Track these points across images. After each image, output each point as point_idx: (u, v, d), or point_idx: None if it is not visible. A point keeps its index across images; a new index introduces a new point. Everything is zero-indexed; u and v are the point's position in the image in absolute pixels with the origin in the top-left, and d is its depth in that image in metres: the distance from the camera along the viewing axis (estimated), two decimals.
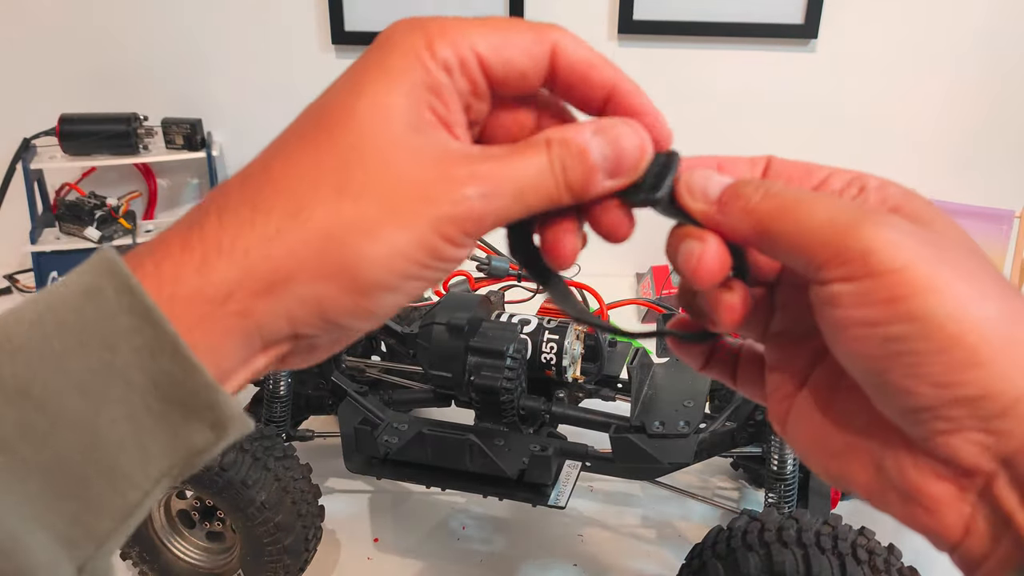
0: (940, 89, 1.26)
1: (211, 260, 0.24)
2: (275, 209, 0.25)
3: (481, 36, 0.26)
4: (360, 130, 0.25)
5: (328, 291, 0.25)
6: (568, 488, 0.72)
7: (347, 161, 0.25)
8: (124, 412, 0.24)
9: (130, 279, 0.24)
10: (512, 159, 0.26)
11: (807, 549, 0.55)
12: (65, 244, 1.22)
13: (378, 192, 0.25)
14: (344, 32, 1.28)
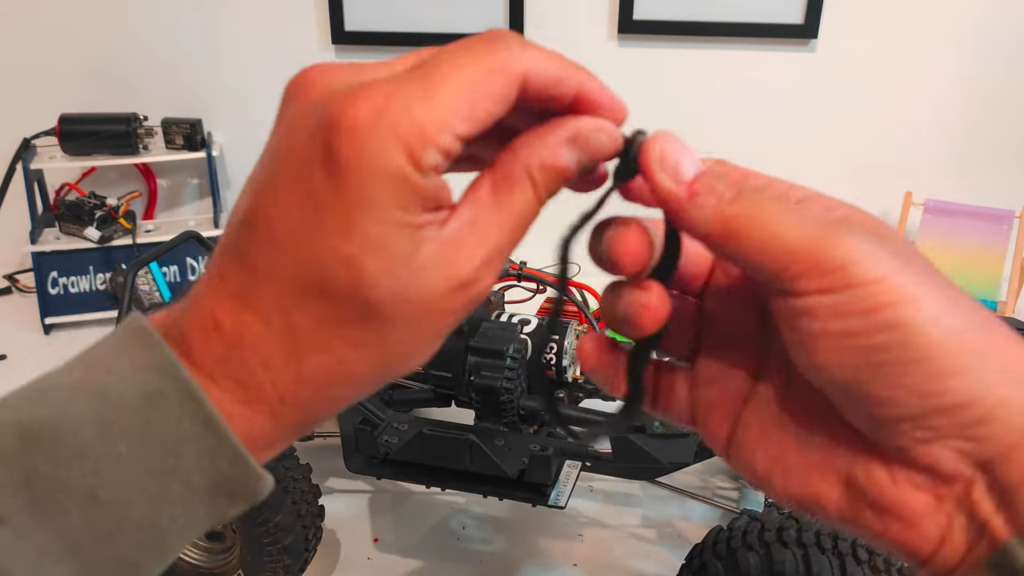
0: (940, 89, 1.26)
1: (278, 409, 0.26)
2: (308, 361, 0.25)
3: (454, 113, 0.24)
4: (371, 286, 0.24)
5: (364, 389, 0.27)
6: (568, 488, 0.72)
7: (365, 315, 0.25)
8: (182, 509, 0.25)
9: (191, 385, 0.25)
10: (502, 207, 0.26)
11: (807, 549, 0.55)
12: (65, 244, 1.22)
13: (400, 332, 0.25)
14: (344, 32, 1.28)
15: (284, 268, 0.25)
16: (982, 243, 1.20)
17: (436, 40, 1.03)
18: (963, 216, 1.22)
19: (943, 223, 1.23)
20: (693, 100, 1.30)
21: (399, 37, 1.28)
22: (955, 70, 1.25)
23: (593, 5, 1.25)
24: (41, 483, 0.24)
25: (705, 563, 0.59)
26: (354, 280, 0.24)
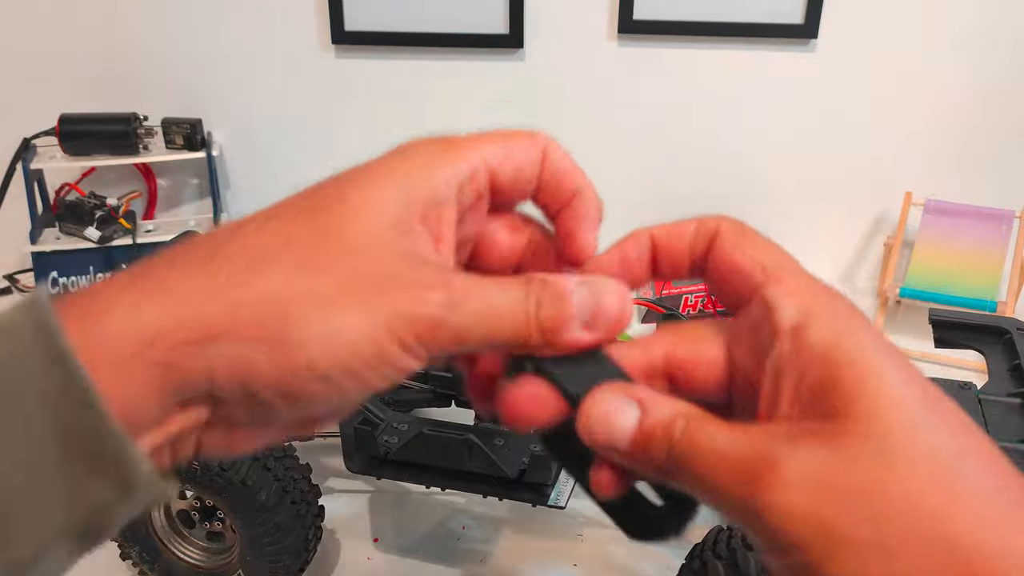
0: (940, 89, 1.26)
1: (145, 302, 0.23)
2: (230, 263, 0.23)
3: (491, 146, 0.26)
4: (343, 217, 0.24)
5: (256, 356, 0.23)
6: (568, 488, 0.72)
7: (320, 241, 0.24)
8: (24, 459, 0.21)
9: (49, 317, 0.22)
10: (488, 283, 0.25)
11: None
12: (65, 244, 1.22)
13: (340, 273, 0.23)
14: (344, 32, 1.28)
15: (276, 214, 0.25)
16: (982, 243, 1.20)
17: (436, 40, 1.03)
18: (963, 216, 1.22)
19: (943, 223, 1.23)
20: (693, 100, 1.30)
21: (399, 37, 1.28)
22: (955, 70, 1.25)
23: (593, 5, 1.25)
24: None
25: (705, 563, 0.59)
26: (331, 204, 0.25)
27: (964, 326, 0.76)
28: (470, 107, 1.34)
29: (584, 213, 0.29)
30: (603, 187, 1.20)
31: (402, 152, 0.26)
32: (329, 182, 0.26)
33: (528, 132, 0.27)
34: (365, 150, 1.13)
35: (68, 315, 0.22)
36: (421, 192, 0.25)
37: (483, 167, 0.26)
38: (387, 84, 1.32)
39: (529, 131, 0.27)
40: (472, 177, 0.26)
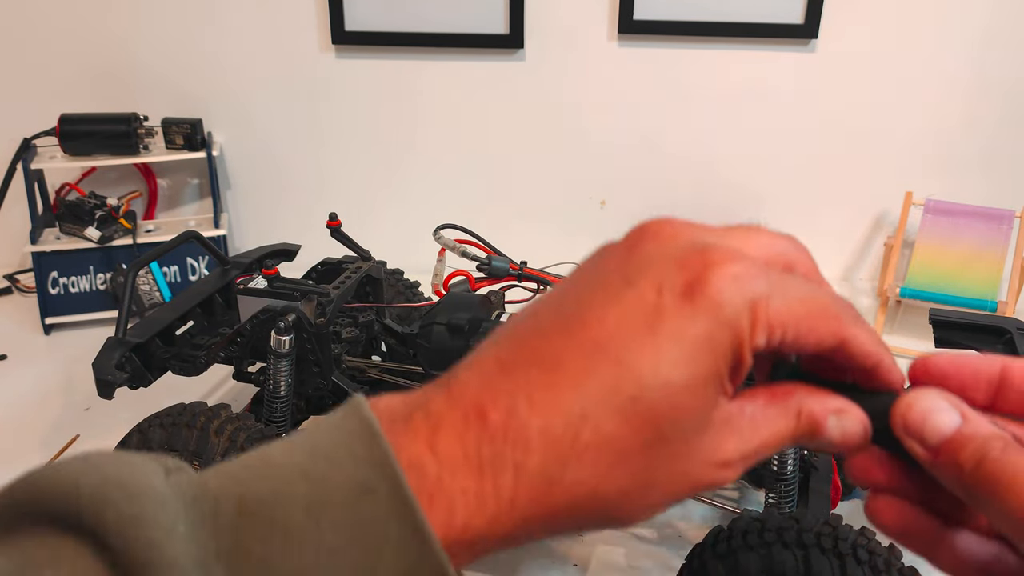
0: (940, 89, 1.26)
1: (501, 518, 0.26)
2: (579, 475, 0.26)
3: (793, 323, 0.27)
4: (673, 414, 0.26)
5: (578, 530, 0.27)
6: None
7: (648, 443, 0.26)
8: None
9: (403, 487, 0.25)
10: (766, 427, 0.28)
11: (808, 550, 0.55)
12: (65, 244, 1.22)
13: (657, 469, 0.26)
14: (344, 32, 1.28)
15: (597, 374, 0.26)
16: (982, 243, 1.20)
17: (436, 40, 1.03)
18: (963, 216, 1.22)
19: (943, 223, 1.23)
20: (693, 100, 1.30)
21: (399, 37, 1.28)
22: (955, 70, 1.25)
23: (593, 5, 1.25)
24: (249, 560, 0.24)
25: (705, 563, 0.59)
26: (665, 403, 0.25)
27: (964, 326, 0.76)
28: (470, 107, 1.34)
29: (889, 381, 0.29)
30: (603, 187, 1.21)
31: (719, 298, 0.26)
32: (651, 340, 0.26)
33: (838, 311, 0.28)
34: (365, 150, 1.14)
35: (432, 506, 0.25)
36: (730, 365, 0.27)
37: (778, 342, 0.27)
38: (387, 84, 1.32)
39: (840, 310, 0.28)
40: (768, 347, 0.27)
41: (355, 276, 0.89)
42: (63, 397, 1.05)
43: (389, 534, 0.25)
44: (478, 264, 0.79)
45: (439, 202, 1.39)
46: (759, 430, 0.28)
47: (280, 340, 0.78)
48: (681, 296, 0.26)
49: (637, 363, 0.25)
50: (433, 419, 0.26)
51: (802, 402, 0.28)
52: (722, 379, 0.26)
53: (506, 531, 0.26)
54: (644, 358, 0.25)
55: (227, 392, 1.05)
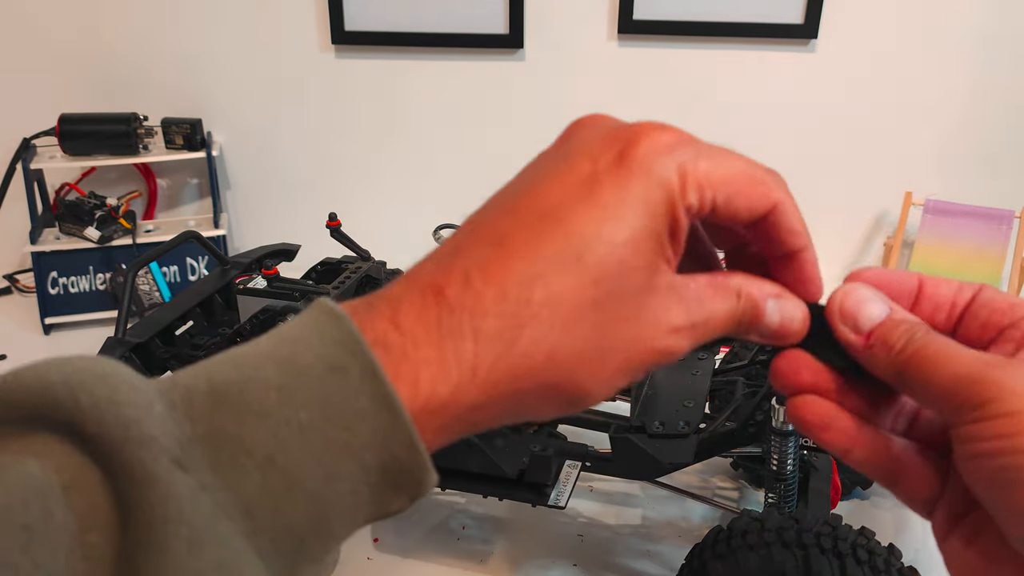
0: (940, 89, 1.26)
1: (465, 385, 0.27)
2: (532, 350, 0.27)
3: (722, 185, 0.29)
4: (619, 263, 0.27)
5: (543, 407, 0.29)
6: (568, 488, 0.72)
7: (597, 300, 0.27)
8: (349, 487, 0.26)
9: (374, 365, 0.26)
10: (710, 302, 0.30)
11: (807, 549, 0.55)
12: (65, 244, 1.22)
13: (613, 336, 0.28)
14: (344, 32, 1.28)
15: (544, 242, 0.27)
16: (982, 243, 1.20)
17: (436, 40, 1.04)
18: (963, 216, 1.22)
19: (943, 223, 1.23)
20: (693, 100, 1.30)
21: (399, 37, 1.28)
22: (955, 70, 1.25)
23: (593, 5, 1.25)
24: (225, 441, 0.25)
25: (705, 563, 0.59)
26: (609, 260, 0.27)
27: None
28: (470, 107, 1.34)
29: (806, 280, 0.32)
30: None
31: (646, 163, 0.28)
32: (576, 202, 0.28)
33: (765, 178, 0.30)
34: (365, 150, 1.14)
35: (398, 374, 0.27)
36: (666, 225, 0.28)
37: (709, 204, 0.29)
38: (387, 84, 1.32)
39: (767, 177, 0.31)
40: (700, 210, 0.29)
41: (355, 276, 0.89)
42: None
43: (360, 408, 0.26)
44: None
45: (439, 202, 1.39)
46: (704, 304, 0.29)
47: None
48: (614, 163, 0.28)
49: (579, 226, 0.27)
50: (393, 301, 0.27)
51: (741, 284, 0.30)
52: (660, 238, 0.28)
53: (471, 399, 0.27)
54: (585, 221, 0.27)
55: None
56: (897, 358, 0.29)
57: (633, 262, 0.27)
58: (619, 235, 0.27)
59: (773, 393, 0.65)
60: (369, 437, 0.26)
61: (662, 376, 0.75)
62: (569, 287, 0.27)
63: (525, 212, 0.28)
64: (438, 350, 0.27)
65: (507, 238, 0.28)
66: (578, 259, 0.27)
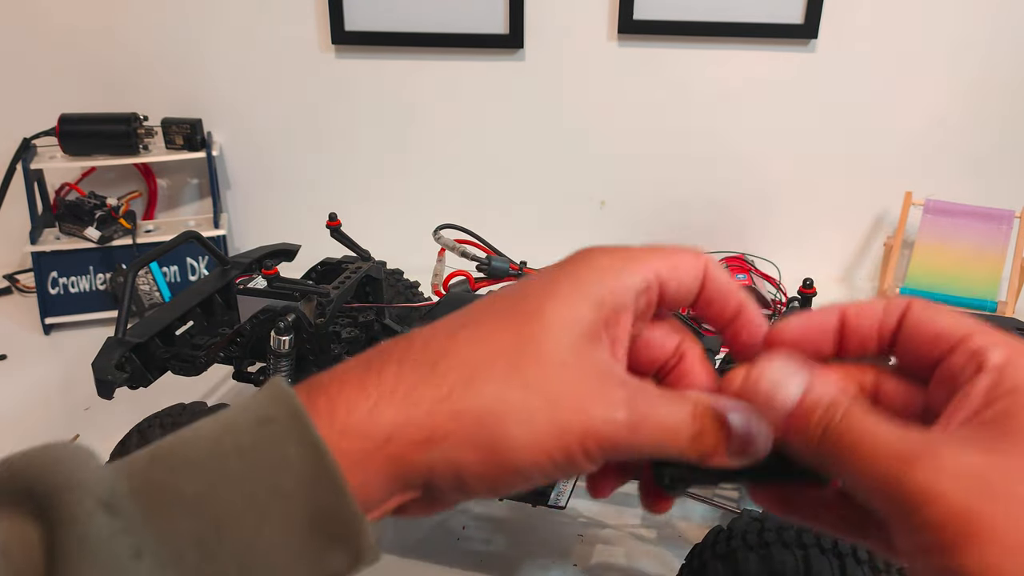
0: (940, 89, 1.26)
1: (383, 404, 0.27)
2: (451, 373, 0.28)
3: (663, 261, 0.30)
4: (545, 329, 0.28)
5: (472, 459, 0.27)
6: (568, 488, 0.72)
7: (526, 352, 0.28)
8: (280, 534, 0.26)
9: (301, 412, 0.27)
10: (662, 402, 0.29)
11: (807, 549, 0.55)
12: (65, 244, 1.22)
13: (545, 389, 0.28)
14: (344, 32, 1.28)
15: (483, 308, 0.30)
16: (982, 243, 1.20)
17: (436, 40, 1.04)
18: (963, 216, 1.22)
19: (943, 223, 1.23)
20: (693, 100, 1.30)
21: (399, 37, 1.28)
22: (955, 70, 1.25)
23: (593, 5, 1.25)
24: (157, 490, 0.26)
25: (705, 563, 0.59)
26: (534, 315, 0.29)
27: None
28: (470, 107, 1.34)
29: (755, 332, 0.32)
30: (604, 187, 1.22)
31: (587, 262, 0.30)
32: (523, 292, 0.30)
33: (692, 251, 0.31)
34: (365, 150, 1.14)
35: (315, 410, 0.27)
36: (607, 302, 0.29)
37: (656, 280, 0.30)
38: (387, 84, 1.33)
39: (693, 250, 0.31)
40: (647, 288, 0.30)
41: (355, 276, 0.89)
42: (63, 397, 1.05)
43: (287, 454, 0.26)
44: (478, 264, 0.79)
45: (439, 202, 1.39)
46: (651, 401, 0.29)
47: (280, 340, 0.78)
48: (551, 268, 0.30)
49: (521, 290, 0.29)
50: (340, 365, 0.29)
51: (700, 396, 0.30)
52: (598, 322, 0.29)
53: (390, 417, 0.27)
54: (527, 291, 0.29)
55: (227, 392, 1.05)
56: (817, 451, 0.28)
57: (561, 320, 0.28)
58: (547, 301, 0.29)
59: None
60: (296, 482, 0.26)
61: None
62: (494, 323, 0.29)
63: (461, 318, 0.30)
64: (359, 379, 0.28)
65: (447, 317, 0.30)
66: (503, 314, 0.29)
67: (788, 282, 1.22)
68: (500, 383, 0.27)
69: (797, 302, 0.71)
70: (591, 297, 0.29)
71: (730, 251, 1.27)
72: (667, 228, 1.34)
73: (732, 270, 1.21)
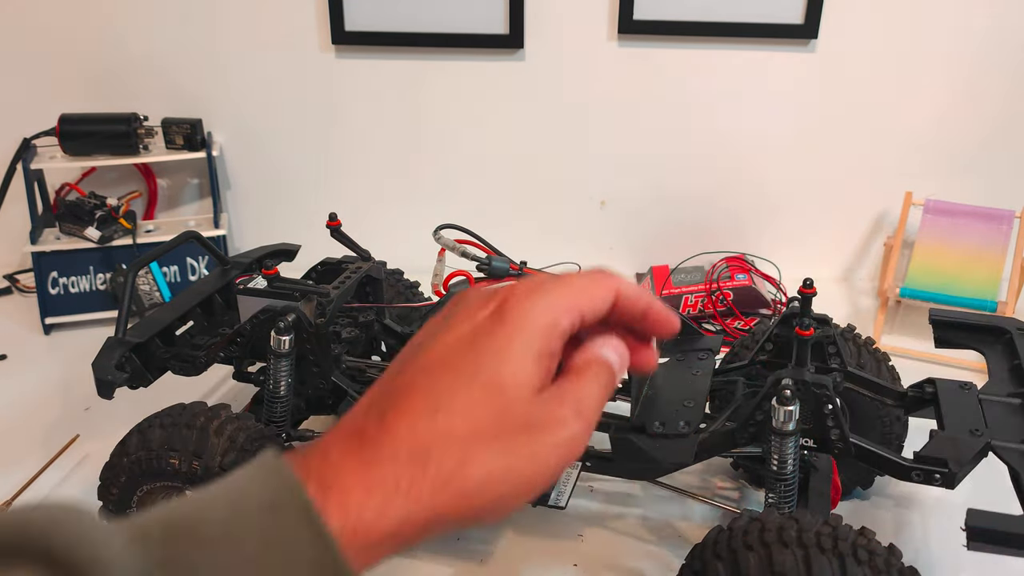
0: (940, 89, 1.26)
1: (388, 506, 0.32)
2: (446, 462, 0.33)
3: (586, 305, 0.37)
4: (510, 400, 0.34)
5: (471, 520, 0.33)
6: (568, 488, 0.72)
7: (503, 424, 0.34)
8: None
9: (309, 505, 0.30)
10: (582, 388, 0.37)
11: (807, 549, 0.55)
12: (65, 244, 1.22)
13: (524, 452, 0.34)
14: (344, 32, 1.28)
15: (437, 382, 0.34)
16: (982, 243, 1.20)
17: (436, 40, 1.04)
18: (963, 216, 1.22)
19: (943, 223, 1.23)
20: (693, 100, 1.30)
21: (399, 37, 1.28)
22: (955, 70, 1.25)
23: (593, 5, 1.25)
24: (177, 566, 0.28)
25: (706, 563, 0.59)
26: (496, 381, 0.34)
27: (964, 326, 0.76)
28: (470, 107, 1.34)
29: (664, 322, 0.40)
30: (604, 187, 1.22)
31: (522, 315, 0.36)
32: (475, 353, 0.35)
33: (602, 280, 0.38)
34: (365, 150, 1.14)
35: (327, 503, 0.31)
36: (545, 352, 0.35)
37: (578, 316, 0.36)
38: (387, 84, 1.32)
39: (603, 278, 0.38)
40: (571, 326, 0.36)
41: (355, 276, 0.89)
42: (63, 397, 1.05)
43: (298, 540, 0.30)
44: (478, 264, 0.79)
45: (439, 202, 1.39)
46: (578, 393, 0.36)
47: (280, 340, 0.78)
48: (491, 320, 0.36)
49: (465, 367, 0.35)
50: (324, 447, 0.33)
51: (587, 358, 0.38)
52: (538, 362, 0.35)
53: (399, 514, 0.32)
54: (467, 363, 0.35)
55: (227, 392, 1.05)
56: None
57: (516, 383, 0.34)
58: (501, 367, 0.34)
59: (773, 393, 0.65)
60: (304, 566, 0.29)
61: (662, 377, 0.75)
62: (467, 414, 0.33)
63: (422, 363, 0.35)
64: (362, 478, 0.32)
65: (409, 385, 0.34)
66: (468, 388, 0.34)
67: (788, 282, 1.22)
68: (489, 457, 0.33)
69: (797, 302, 0.71)
70: (533, 353, 0.35)
71: (730, 251, 1.27)
72: (667, 228, 1.34)
73: (732, 270, 1.21)
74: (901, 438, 0.81)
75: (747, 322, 1.16)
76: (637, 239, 1.36)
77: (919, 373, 0.77)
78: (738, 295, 1.18)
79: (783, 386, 0.64)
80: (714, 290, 1.19)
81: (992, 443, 0.63)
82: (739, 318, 1.17)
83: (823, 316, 0.73)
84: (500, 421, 0.34)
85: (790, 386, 0.64)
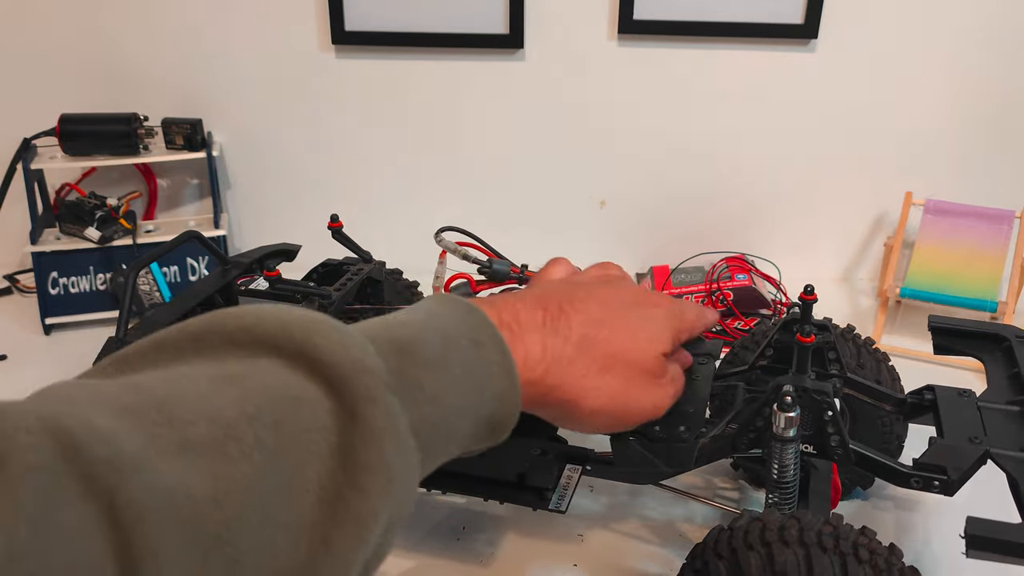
0: (941, 89, 1.26)
1: (551, 369, 0.48)
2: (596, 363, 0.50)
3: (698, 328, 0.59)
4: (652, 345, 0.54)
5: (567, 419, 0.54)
6: (569, 492, 0.72)
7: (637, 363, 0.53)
8: (471, 426, 0.42)
9: (504, 345, 0.44)
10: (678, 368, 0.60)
11: (809, 549, 0.55)
12: (65, 244, 1.22)
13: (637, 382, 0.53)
14: (344, 32, 1.28)
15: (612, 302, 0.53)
16: (982, 243, 1.20)
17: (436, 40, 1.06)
18: (963, 216, 1.22)
19: (943, 223, 1.23)
20: (693, 100, 1.30)
21: (399, 37, 1.28)
22: (956, 70, 1.25)
23: (593, 5, 1.25)
24: (407, 379, 0.37)
25: (706, 563, 0.60)
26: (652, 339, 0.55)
27: (963, 333, 0.76)
28: (470, 107, 1.34)
29: None
30: (604, 187, 1.23)
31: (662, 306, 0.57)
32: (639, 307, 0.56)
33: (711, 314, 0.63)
34: (365, 150, 1.15)
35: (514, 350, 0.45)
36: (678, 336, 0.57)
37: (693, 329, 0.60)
38: (387, 84, 1.32)
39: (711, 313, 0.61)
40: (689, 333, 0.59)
41: (356, 278, 0.89)
42: None
43: (491, 371, 0.42)
44: (479, 267, 0.79)
45: (439, 203, 1.39)
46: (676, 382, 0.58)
47: None
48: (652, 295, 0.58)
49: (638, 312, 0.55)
50: (511, 304, 0.48)
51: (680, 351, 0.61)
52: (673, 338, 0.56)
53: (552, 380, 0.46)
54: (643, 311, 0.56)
55: None
56: None
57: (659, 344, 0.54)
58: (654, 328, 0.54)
59: (774, 399, 0.65)
60: (493, 393, 0.42)
61: None
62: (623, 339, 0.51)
63: (596, 294, 0.52)
64: (540, 340, 0.46)
65: (586, 297, 0.50)
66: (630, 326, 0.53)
67: (788, 282, 1.22)
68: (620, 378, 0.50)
69: (797, 308, 0.72)
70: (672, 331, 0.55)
71: (730, 251, 1.27)
72: (667, 228, 1.34)
73: (732, 270, 1.21)
74: (901, 437, 0.81)
75: (747, 322, 1.16)
76: (637, 239, 1.36)
77: (919, 373, 0.77)
78: (738, 295, 1.18)
79: (784, 392, 0.64)
80: (714, 290, 1.19)
81: (991, 451, 0.63)
82: (739, 318, 1.17)
83: (823, 323, 0.73)
84: (639, 360, 0.50)
85: (791, 392, 0.64)
